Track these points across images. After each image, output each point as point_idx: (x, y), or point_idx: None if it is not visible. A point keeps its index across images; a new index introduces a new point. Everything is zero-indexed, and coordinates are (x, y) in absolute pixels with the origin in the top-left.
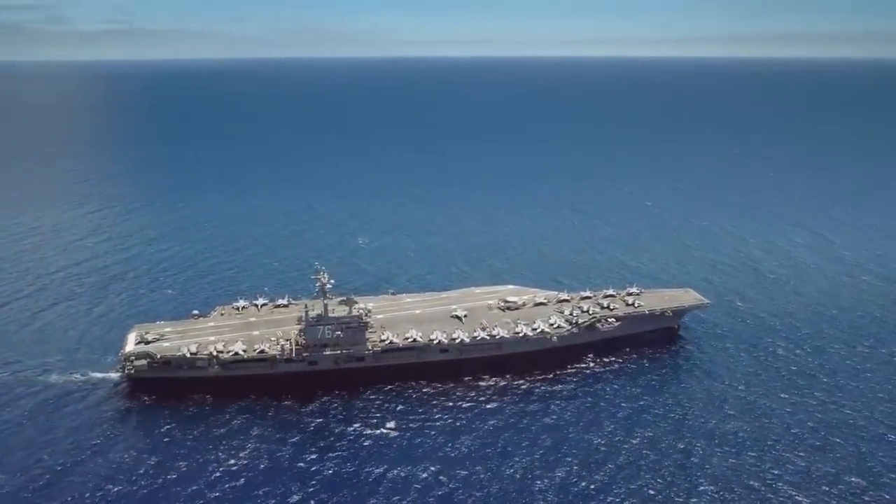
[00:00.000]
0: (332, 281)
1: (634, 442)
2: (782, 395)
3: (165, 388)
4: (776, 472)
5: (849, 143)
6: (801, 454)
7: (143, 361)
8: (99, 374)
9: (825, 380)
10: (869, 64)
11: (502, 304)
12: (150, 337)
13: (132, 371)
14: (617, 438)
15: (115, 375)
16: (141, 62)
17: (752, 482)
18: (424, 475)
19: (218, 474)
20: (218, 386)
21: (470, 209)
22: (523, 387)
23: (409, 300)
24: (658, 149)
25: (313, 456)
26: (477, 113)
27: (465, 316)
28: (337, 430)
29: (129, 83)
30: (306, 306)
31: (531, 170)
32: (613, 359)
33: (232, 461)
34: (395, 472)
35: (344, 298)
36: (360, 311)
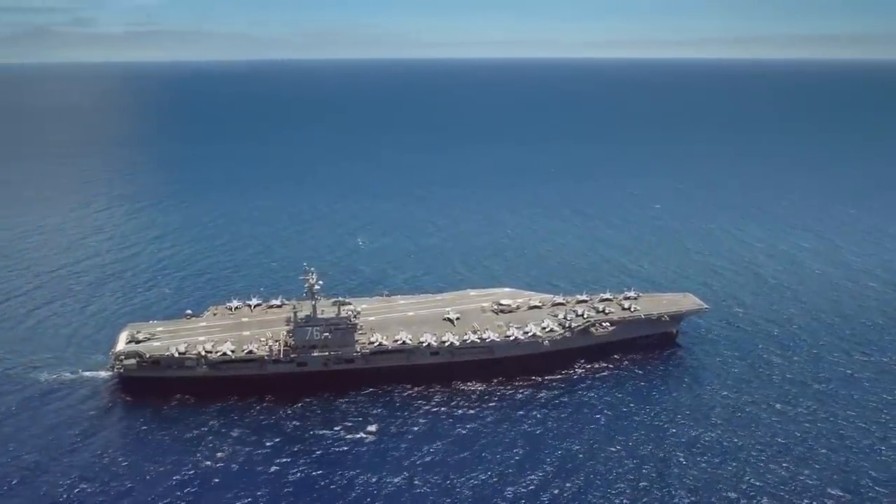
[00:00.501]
0: (320, 282)
1: (613, 450)
2: (772, 404)
3: (154, 387)
4: (757, 483)
5: (853, 143)
6: (785, 465)
7: (133, 360)
8: (89, 373)
9: (818, 388)
10: (871, 65)
11: (496, 307)
12: (141, 336)
13: (121, 370)
14: (595, 446)
15: (104, 374)
16: (163, 63)
17: (730, 493)
18: (396, 480)
19: (190, 475)
20: (207, 386)
21: (471, 210)
22: (509, 392)
23: (402, 302)
24: (661, 150)
25: (287, 459)
26: (484, 114)
27: (458, 319)
28: (316, 433)
29: (149, 84)
30: (295, 307)
31: (534, 170)
32: (604, 364)
33: (207, 462)
34: (367, 477)
35: (336, 300)
36: (350, 312)
